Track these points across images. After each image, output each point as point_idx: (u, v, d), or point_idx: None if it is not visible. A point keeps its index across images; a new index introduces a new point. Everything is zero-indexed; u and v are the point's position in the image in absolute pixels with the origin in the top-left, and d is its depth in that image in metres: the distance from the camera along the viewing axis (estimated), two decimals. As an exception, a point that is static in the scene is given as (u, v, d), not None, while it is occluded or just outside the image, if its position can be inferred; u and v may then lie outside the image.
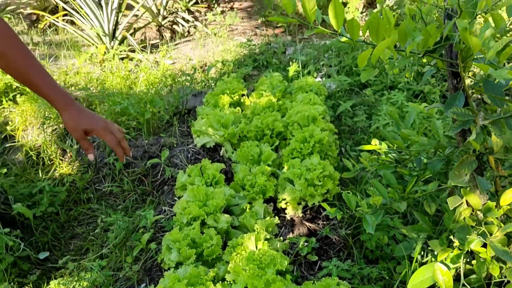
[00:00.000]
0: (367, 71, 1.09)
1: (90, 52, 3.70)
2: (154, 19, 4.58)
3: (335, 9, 1.11)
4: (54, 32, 4.43)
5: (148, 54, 3.91)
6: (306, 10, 1.11)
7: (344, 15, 1.13)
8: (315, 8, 1.10)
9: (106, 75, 3.28)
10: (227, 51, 3.95)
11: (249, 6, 5.61)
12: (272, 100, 2.66)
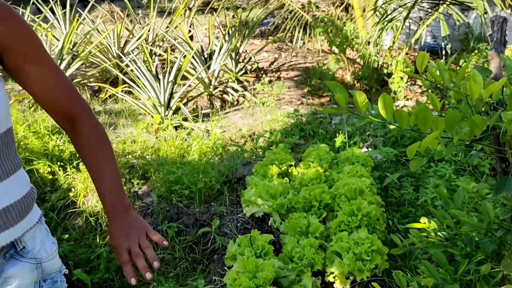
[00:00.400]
0: (416, 160, 1.16)
1: (147, 121, 3.93)
2: (206, 89, 4.85)
3: (384, 101, 1.20)
4: (114, 102, 4.75)
5: (200, 123, 4.11)
6: (358, 103, 1.21)
7: (393, 106, 1.21)
8: (365, 101, 1.20)
9: (161, 143, 3.48)
10: (275, 121, 4.10)
11: (296, 75, 5.83)
12: (319, 171, 2.74)
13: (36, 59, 1.05)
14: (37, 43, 1.06)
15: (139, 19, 6.33)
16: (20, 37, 1.01)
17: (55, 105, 1.11)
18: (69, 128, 1.14)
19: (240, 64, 5.68)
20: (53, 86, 1.09)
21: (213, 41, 5.34)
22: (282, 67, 6.24)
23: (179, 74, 4.27)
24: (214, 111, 4.62)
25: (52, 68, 1.09)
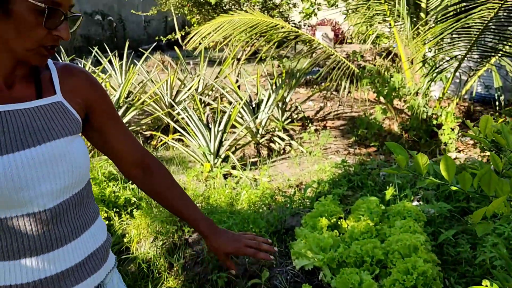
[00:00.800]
0: (483, 226, 1.15)
1: (197, 169, 4.04)
2: (253, 138, 4.94)
3: (446, 162, 1.21)
4: (165, 149, 4.91)
5: (248, 172, 4.18)
6: (419, 165, 1.22)
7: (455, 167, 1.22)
8: (427, 162, 1.21)
9: (211, 191, 3.55)
10: (322, 171, 4.11)
11: (342, 125, 5.87)
12: (370, 225, 2.70)
13: (113, 116, 1.19)
14: (111, 101, 1.20)
15: (190, 69, 6.60)
16: (104, 99, 1.15)
17: (130, 156, 1.23)
18: (141, 176, 1.26)
19: (287, 113, 5.78)
20: (127, 139, 1.22)
21: (261, 91, 5.48)
22: (328, 116, 6.30)
23: (229, 123, 4.39)
24: (261, 160, 4.68)
25: (123, 122, 1.23)
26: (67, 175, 1.00)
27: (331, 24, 13.81)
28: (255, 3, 7.62)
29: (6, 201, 0.93)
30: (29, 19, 0.88)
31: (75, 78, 1.09)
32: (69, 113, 1.05)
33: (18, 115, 0.96)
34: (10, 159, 0.93)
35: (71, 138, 1.03)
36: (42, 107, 1.01)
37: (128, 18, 14.30)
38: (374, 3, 5.11)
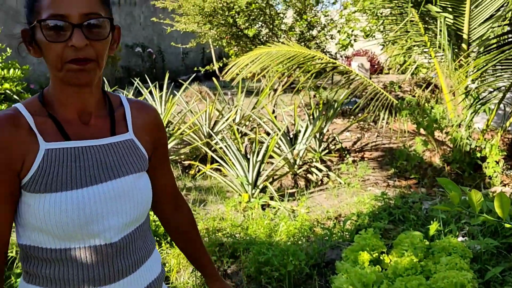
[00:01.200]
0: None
1: (235, 199, 4.05)
2: (290, 169, 4.93)
3: (501, 200, 1.18)
4: (203, 178, 4.96)
5: (286, 203, 4.16)
6: (473, 202, 1.19)
7: (509, 204, 1.18)
8: (481, 200, 1.18)
9: (249, 222, 3.54)
10: (361, 203, 4.04)
11: (380, 156, 5.79)
12: (414, 261, 2.63)
13: (166, 156, 1.24)
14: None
15: (228, 99, 6.71)
16: (165, 140, 1.22)
17: (169, 196, 1.28)
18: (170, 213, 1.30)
19: (324, 143, 5.75)
20: (169, 177, 1.27)
21: (298, 122, 5.50)
22: (366, 147, 6.24)
23: (267, 154, 4.41)
24: (299, 191, 4.66)
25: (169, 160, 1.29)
26: (133, 210, 1.04)
27: (366, 55, 13.81)
28: (292, 35, 7.73)
29: (76, 233, 0.96)
30: (44, 39, 0.91)
31: (146, 116, 1.14)
32: (139, 150, 1.09)
33: (93, 151, 1.01)
34: (83, 193, 0.97)
35: (139, 175, 1.08)
36: (115, 144, 1.05)
37: (167, 50, 14.73)
38: (414, 34, 5.09)
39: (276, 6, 8.01)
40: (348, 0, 7.85)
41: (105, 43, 0.95)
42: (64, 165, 0.96)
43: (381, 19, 6.63)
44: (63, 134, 0.98)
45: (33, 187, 0.95)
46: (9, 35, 9.51)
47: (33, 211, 0.95)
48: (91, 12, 0.91)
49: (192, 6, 7.67)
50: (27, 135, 0.95)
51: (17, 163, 0.94)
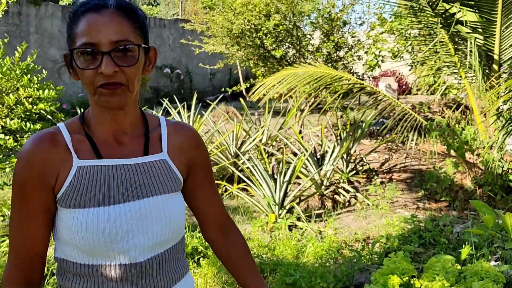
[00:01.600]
0: None
1: (262, 220, 4.04)
2: (317, 190, 4.90)
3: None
4: (229, 198, 4.97)
5: (313, 223, 4.12)
6: (507, 225, 1.16)
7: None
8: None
9: (276, 243, 3.52)
10: (390, 225, 3.97)
11: (409, 177, 5.70)
12: (445, 285, 2.56)
13: (209, 180, 1.21)
14: (211, 165, 1.24)
15: (254, 120, 6.75)
16: (206, 163, 1.20)
17: (214, 219, 1.24)
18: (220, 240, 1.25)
19: (351, 164, 5.71)
20: (215, 202, 1.24)
21: (325, 142, 5.48)
22: (394, 168, 6.15)
23: (294, 174, 4.40)
24: (326, 212, 4.61)
25: (215, 186, 1.25)
26: (161, 231, 1.04)
27: (394, 75, 13.73)
28: (319, 55, 7.77)
29: (101, 250, 0.98)
30: (79, 65, 0.96)
31: (183, 137, 1.14)
32: (171, 171, 1.09)
33: (124, 170, 1.03)
34: (110, 211, 0.99)
35: (169, 196, 1.07)
36: (147, 163, 1.06)
37: (195, 70, 14.98)
38: (443, 55, 5.05)
39: (303, 28, 8.08)
40: (376, 21, 7.87)
41: (135, 68, 0.97)
42: (94, 182, 1.00)
43: (409, 40, 6.61)
44: (96, 152, 1.02)
45: (65, 202, 0.99)
46: (44, 57, 9.88)
47: (65, 226, 0.99)
48: (120, 40, 0.94)
49: (220, 28, 7.82)
50: (63, 152, 1.01)
51: (52, 179, 0.99)
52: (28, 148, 0.99)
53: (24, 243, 1.02)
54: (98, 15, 0.94)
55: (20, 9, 9.83)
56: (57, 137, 1.02)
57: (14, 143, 3.69)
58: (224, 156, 5.58)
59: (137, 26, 0.99)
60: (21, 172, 0.99)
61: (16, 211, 1.01)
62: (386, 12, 7.91)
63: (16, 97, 3.76)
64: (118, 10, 0.96)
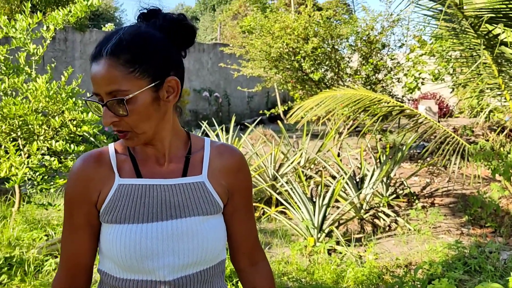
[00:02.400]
0: None
1: (300, 243, 4.00)
2: (357, 213, 4.83)
3: None
4: (267, 220, 4.96)
5: (352, 248, 4.05)
6: None
7: None
8: None
9: (315, 267, 3.48)
10: (433, 251, 3.86)
11: (452, 202, 5.54)
12: (494, 315, 2.46)
13: (247, 208, 1.20)
14: (252, 192, 1.22)
15: (292, 142, 6.76)
16: (246, 190, 1.19)
17: (245, 246, 1.21)
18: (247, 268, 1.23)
19: (391, 188, 5.61)
20: (251, 230, 1.22)
21: (364, 165, 5.41)
22: (436, 192, 6.00)
23: (333, 198, 4.36)
24: (366, 236, 4.53)
25: (253, 214, 1.23)
26: (192, 253, 1.05)
27: (434, 97, 13.48)
28: (358, 78, 7.74)
29: (133, 265, 1.02)
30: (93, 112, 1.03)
31: (225, 160, 1.14)
32: (209, 194, 1.10)
33: (160, 190, 1.06)
34: (142, 229, 1.03)
35: (204, 218, 1.08)
36: (184, 184, 1.08)
37: (233, 93, 15.20)
38: (486, 77, 4.94)
39: (341, 50, 8.09)
40: (415, 43, 7.80)
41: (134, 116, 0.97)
42: (131, 199, 1.05)
43: (450, 62, 6.50)
44: (137, 171, 1.07)
45: (105, 218, 1.05)
46: (88, 81, 10.26)
47: (104, 240, 1.05)
48: (112, 91, 0.94)
49: (259, 51, 7.93)
50: (107, 170, 1.07)
51: (94, 195, 1.06)
52: (77, 165, 1.07)
53: (71, 254, 1.09)
54: (96, 65, 0.96)
55: (66, 35, 10.30)
56: (103, 156, 1.09)
57: (59, 164, 3.83)
58: (262, 179, 5.59)
59: (135, 69, 0.95)
60: (69, 188, 1.07)
61: (65, 224, 1.09)
62: (426, 34, 7.82)
63: (62, 120, 3.92)
64: (111, 58, 0.94)
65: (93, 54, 0.98)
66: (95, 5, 3.89)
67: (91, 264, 1.11)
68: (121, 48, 0.95)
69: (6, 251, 3.55)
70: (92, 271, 1.12)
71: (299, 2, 19.94)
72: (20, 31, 3.81)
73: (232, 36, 20.58)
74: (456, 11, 4.05)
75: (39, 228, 4.13)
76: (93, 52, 0.98)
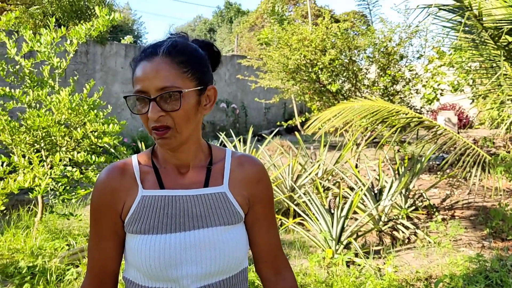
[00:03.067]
0: None
1: (318, 255, 3.99)
2: (375, 225, 4.79)
3: None
4: (285, 232, 4.96)
5: (371, 260, 4.02)
6: None
7: None
8: None
9: (334, 279, 3.46)
10: (454, 264, 3.81)
11: (472, 215, 5.46)
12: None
13: (268, 218, 1.21)
14: (273, 203, 1.25)
15: (310, 154, 6.75)
16: (267, 201, 1.21)
17: (268, 255, 1.22)
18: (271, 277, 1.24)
19: (410, 200, 5.55)
20: (273, 239, 1.23)
21: (383, 177, 5.38)
22: (456, 204, 5.92)
23: (351, 209, 4.34)
24: (385, 248, 4.49)
25: (275, 223, 1.25)
26: (214, 262, 1.07)
27: (454, 109, 13.35)
28: (375, 89, 7.72)
29: (156, 275, 1.05)
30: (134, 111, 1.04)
31: (246, 171, 1.17)
32: (230, 204, 1.12)
33: (183, 201, 1.09)
34: (166, 239, 1.06)
35: (226, 228, 1.10)
36: (206, 195, 1.11)
37: (250, 105, 15.26)
38: (507, 88, 4.89)
39: (359, 62, 8.09)
40: (434, 54, 7.76)
41: (181, 112, 1.01)
42: (154, 210, 1.08)
43: (470, 73, 6.45)
44: (160, 183, 1.10)
45: (129, 228, 1.08)
46: (108, 93, 10.44)
47: (129, 249, 1.09)
48: (165, 86, 0.99)
49: (276, 63, 7.98)
50: (131, 182, 1.11)
51: (119, 206, 1.10)
52: (102, 176, 1.11)
53: (97, 261, 1.13)
54: (148, 63, 1.01)
55: (87, 48, 10.50)
56: (127, 167, 1.12)
57: (80, 175, 3.90)
58: (280, 190, 5.59)
59: (187, 70, 1.02)
60: (95, 198, 1.11)
61: (92, 233, 1.13)
62: (445, 45, 7.78)
63: (83, 131, 4.00)
64: (167, 57, 1.01)
65: (144, 53, 1.03)
66: (117, 19, 3.99)
67: (117, 271, 1.14)
68: (177, 50, 1.03)
69: (29, 260, 3.61)
70: (118, 278, 1.16)
71: (316, 13, 20.03)
72: (44, 45, 3.91)
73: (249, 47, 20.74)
74: (476, 23, 4.03)
75: (61, 237, 4.20)
76: (144, 52, 1.04)
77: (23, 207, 5.03)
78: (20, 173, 3.66)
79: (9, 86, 3.99)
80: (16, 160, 3.65)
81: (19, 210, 5.01)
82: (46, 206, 4.42)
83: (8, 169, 3.55)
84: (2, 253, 3.74)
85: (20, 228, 4.46)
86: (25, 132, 3.83)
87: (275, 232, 1.23)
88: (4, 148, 4.05)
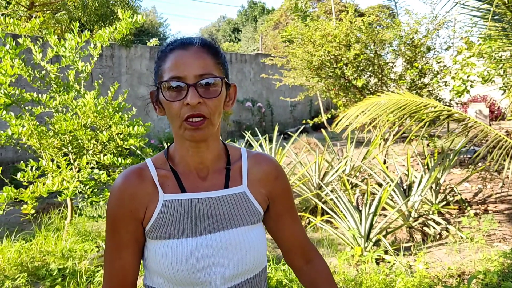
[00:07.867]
0: None
1: (347, 252, 3.93)
2: (405, 222, 4.69)
3: None
4: (313, 230, 4.91)
5: (401, 257, 3.94)
6: None
7: None
8: None
9: (363, 277, 3.40)
10: (488, 260, 3.69)
11: (507, 208, 5.28)
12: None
13: (291, 210, 1.23)
14: (292, 195, 1.25)
15: (337, 150, 6.67)
16: (286, 194, 1.22)
17: (297, 247, 1.25)
18: (303, 267, 1.26)
19: (441, 195, 5.42)
20: (299, 230, 1.25)
21: (412, 172, 5.27)
22: (489, 198, 5.75)
23: (379, 206, 4.26)
24: (415, 245, 4.39)
25: (297, 215, 1.26)
26: (241, 262, 1.07)
27: (485, 100, 12.99)
28: (402, 83, 7.57)
29: (184, 279, 1.03)
30: (166, 99, 1.01)
31: (262, 169, 1.17)
32: (251, 204, 1.13)
33: (205, 203, 1.08)
34: (192, 242, 1.04)
35: (249, 228, 1.11)
36: (227, 196, 1.10)
37: (276, 103, 15.23)
38: (540, 77, 4.70)
39: (385, 56, 7.94)
40: (463, 45, 7.54)
41: (218, 100, 1.02)
42: (178, 215, 1.06)
43: (500, 63, 6.25)
44: (181, 186, 1.08)
45: (152, 234, 1.06)
46: (134, 95, 10.58)
47: (152, 256, 1.06)
48: (204, 73, 1.00)
49: (300, 60, 7.91)
50: (151, 187, 1.08)
51: (140, 213, 1.07)
52: (119, 184, 1.07)
53: (116, 272, 1.09)
54: (184, 51, 1.02)
55: (112, 51, 10.67)
56: (145, 172, 1.09)
57: (107, 177, 3.95)
58: (307, 188, 5.54)
59: (219, 62, 1.05)
60: (113, 207, 1.07)
61: (109, 242, 1.09)
62: (473, 35, 7.55)
63: (109, 134, 4.05)
64: (202, 47, 1.03)
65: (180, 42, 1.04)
66: (139, 21, 4.02)
67: (136, 280, 1.12)
68: (209, 43, 1.06)
69: (60, 262, 3.68)
70: (136, 287, 1.13)
71: (340, 9, 19.82)
72: (69, 50, 3.98)
73: (273, 45, 20.68)
74: (505, 10, 3.90)
75: (90, 239, 4.27)
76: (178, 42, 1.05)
77: (54, 210, 5.14)
78: (49, 176, 3.73)
79: (36, 92, 4.07)
80: (44, 164, 3.73)
81: (50, 213, 5.13)
82: (75, 209, 4.50)
83: (37, 173, 3.62)
84: (33, 255, 3.82)
85: (50, 230, 4.56)
86: (52, 136, 3.91)
87: (299, 222, 1.26)
88: (33, 153, 4.14)
